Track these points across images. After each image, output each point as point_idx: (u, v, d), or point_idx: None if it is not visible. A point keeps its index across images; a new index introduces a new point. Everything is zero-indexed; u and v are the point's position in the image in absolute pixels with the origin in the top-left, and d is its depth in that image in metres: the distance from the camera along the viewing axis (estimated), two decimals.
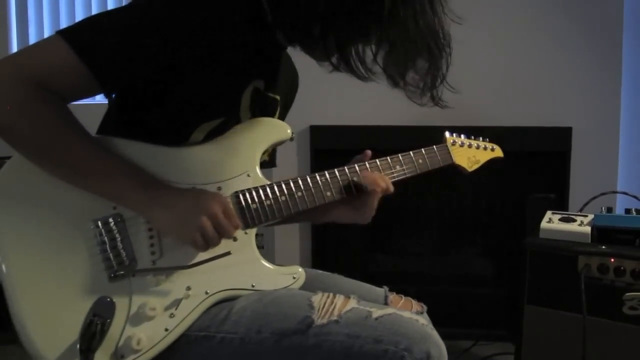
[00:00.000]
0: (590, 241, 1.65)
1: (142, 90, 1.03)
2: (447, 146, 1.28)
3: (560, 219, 1.75)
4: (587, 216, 1.74)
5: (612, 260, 1.58)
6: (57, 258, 0.97)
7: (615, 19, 2.35)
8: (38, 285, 0.96)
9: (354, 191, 1.13)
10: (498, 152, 1.38)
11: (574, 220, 1.73)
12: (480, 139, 1.36)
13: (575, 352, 1.59)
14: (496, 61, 2.40)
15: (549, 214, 1.80)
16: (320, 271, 1.26)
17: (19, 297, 0.95)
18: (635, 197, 1.91)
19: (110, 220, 0.99)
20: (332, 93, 2.38)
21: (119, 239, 0.99)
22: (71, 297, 0.96)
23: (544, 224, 1.74)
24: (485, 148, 1.36)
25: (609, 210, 1.74)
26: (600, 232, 1.67)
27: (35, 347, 0.94)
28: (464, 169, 1.31)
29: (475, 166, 1.33)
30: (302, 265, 1.11)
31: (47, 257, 0.97)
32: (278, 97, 1.21)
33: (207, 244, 0.98)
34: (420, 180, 1.19)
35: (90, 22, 0.96)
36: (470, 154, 1.32)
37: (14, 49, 2.66)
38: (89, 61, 0.93)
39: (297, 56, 1.26)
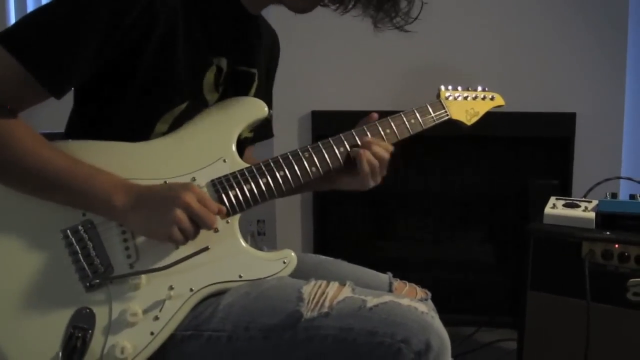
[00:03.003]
0: (594, 227, 1.64)
1: (99, 86, 0.98)
2: (440, 101, 1.22)
3: (564, 205, 1.73)
4: (591, 202, 1.73)
5: (617, 246, 1.57)
6: (29, 274, 0.93)
7: (620, 4, 2.32)
8: (12, 304, 0.92)
9: (342, 162, 1.10)
10: (498, 101, 1.31)
11: (578, 206, 1.71)
12: (479, 88, 1.29)
13: (578, 339, 1.58)
14: (500, 46, 2.37)
15: (552, 199, 1.78)
16: (324, 257, 1.24)
17: None
18: (639, 182, 1.89)
19: (80, 227, 0.95)
20: (334, 78, 2.34)
21: (91, 246, 0.95)
22: (48, 313, 0.93)
23: (547, 209, 1.72)
24: (483, 98, 1.28)
25: (614, 196, 1.73)
26: (605, 218, 1.65)
27: None
28: (462, 123, 1.25)
29: (475, 119, 1.26)
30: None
31: (19, 275, 0.93)
32: (254, 70, 1.16)
33: (186, 237, 0.93)
34: (422, 166, 1.17)
35: (27, 22, 0.90)
36: (468, 107, 1.26)
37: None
38: (31, 66, 0.87)
39: (298, 44, 1.24)
